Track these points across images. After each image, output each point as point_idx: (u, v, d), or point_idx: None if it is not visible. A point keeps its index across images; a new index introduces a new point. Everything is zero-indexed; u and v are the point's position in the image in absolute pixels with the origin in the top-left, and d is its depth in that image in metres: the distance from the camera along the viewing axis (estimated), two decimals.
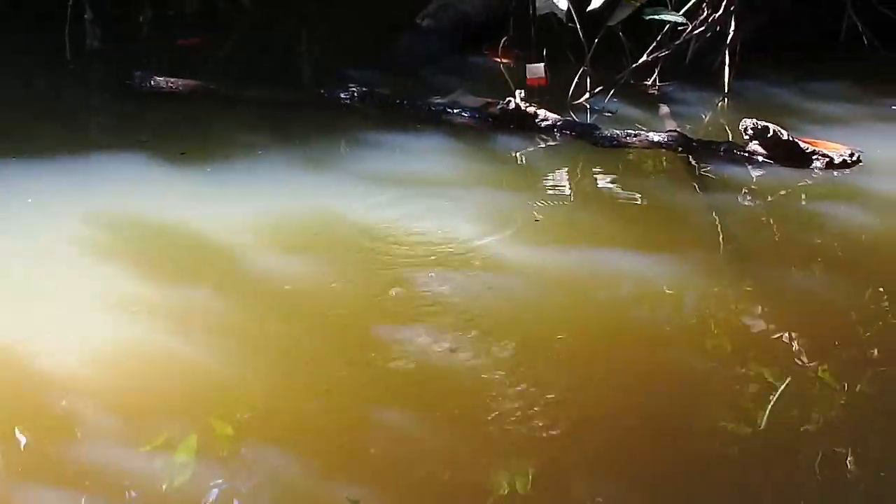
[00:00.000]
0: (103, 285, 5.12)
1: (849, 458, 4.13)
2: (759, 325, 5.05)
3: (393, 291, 5.15)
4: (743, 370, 4.69)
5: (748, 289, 5.34)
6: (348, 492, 3.85)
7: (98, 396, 4.37)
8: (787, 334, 4.91)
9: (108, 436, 4.17)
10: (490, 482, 3.99)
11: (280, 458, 4.05)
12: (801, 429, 4.31)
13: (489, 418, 4.30)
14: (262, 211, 5.89)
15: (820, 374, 4.62)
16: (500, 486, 3.96)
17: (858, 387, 4.57)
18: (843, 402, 4.49)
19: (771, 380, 4.58)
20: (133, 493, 3.89)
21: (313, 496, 3.89)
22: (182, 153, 6.60)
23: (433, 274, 5.29)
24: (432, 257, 5.46)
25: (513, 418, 4.30)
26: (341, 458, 4.09)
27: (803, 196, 6.48)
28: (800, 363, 4.70)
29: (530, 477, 3.99)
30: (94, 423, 4.23)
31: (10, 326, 4.80)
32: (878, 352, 4.85)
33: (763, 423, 4.32)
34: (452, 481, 4.00)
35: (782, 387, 4.50)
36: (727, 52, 7.84)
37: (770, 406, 4.39)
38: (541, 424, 4.28)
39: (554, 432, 4.25)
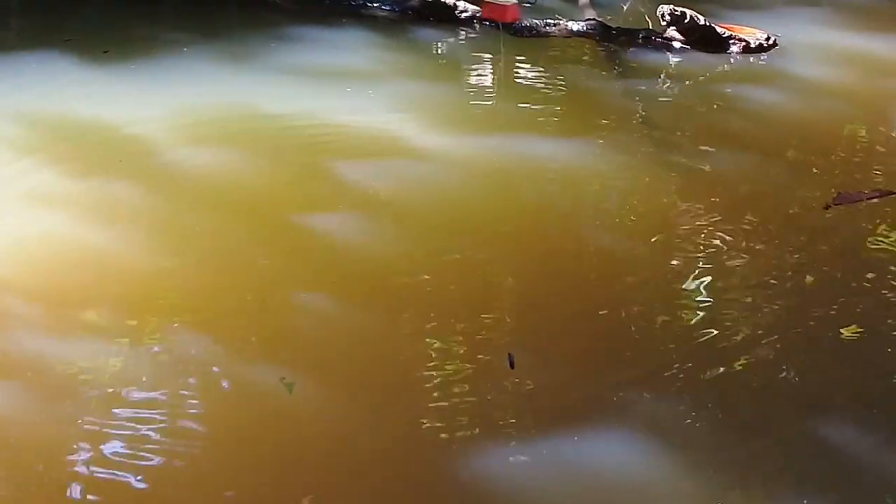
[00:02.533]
0: (26, 181, 5.11)
1: (757, 319, 4.25)
2: (679, 205, 5.12)
3: (312, 181, 5.19)
4: (663, 248, 4.79)
5: (670, 172, 5.42)
6: (277, 372, 3.90)
7: (20, 288, 4.37)
8: (704, 212, 4.99)
9: (31, 325, 4.18)
10: (404, 356, 4.08)
11: (206, 344, 4.08)
12: (721, 299, 4.41)
13: (406, 297, 4.38)
14: (183, 106, 5.89)
15: (735, 247, 4.72)
16: (414, 359, 4.05)
17: (769, 253, 4.69)
18: (759, 269, 4.59)
19: (692, 253, 4.68)
20: (57, 380, 3.91)
21: (242, 378, 3.94)
22: (105, 51, 6.57)
23: (352, 163, 5.32)
24: (352, 147, 5.49)
25: (430, 296, 4.38)
26: (267, 341, 4.14)
27: (721, 80, 6.57)
28: (718, 239, 4.79)
29: (449, 349, 4.08)
30: (17, 313, 4.25)
31: None
32: (784, 220, 4.97)
33: (681, 295, 4.42)
34: (369, 355, 4.07)
35: (702, 261, 4.60)
36: None
37: (689, 279, 4.49)
38: (460, 299, 4.37)
39: (470, 306, 4.34)
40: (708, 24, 6.76)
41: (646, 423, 3.70)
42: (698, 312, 4.31)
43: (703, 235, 4.79)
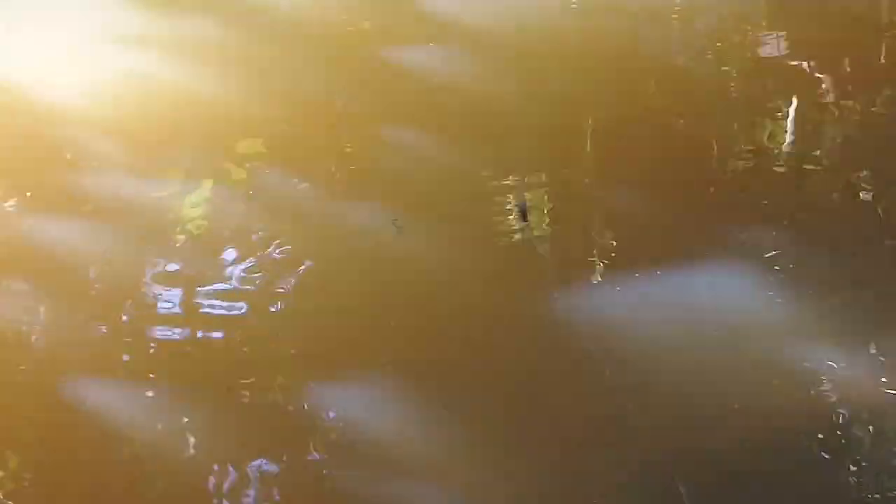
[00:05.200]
0: (102, 19, 4.97)
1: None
2: (772, 44, 4.91)
3: (399, 15, 5.02)
4: (754, 85, 4.60)
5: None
6: (368, 209, 3.79)
7: (101, 127, 4.27)
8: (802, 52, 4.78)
9: (114, 164, 4.10)
10: (491, 188, 3.95)
11: (296, 183, 3.98)
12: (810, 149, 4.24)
13: (498, 136, 4.24)
14: None
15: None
16: (501, 192, 3.93)
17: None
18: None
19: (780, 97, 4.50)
20: (141, 220, 3.82)
21: (334, 216, 3.83)
22: None
23: None
24: None
25: (522, 133, 4.23)
26: (357, 179, 4.03)
27: None
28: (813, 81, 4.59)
29: (538, 184, 3.96)
30: (99, 152, 4.16)
31: (11, 64, 4.68)
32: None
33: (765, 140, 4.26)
34: (460, 192, 3.95)
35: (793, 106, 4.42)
36: None
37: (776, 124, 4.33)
38: (553, 136, 4.22)
39: (563, 141, 4.21)
40: None
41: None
42: None
43: None
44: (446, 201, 3.90)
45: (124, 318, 3.41)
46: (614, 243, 3.70)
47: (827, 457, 2.93)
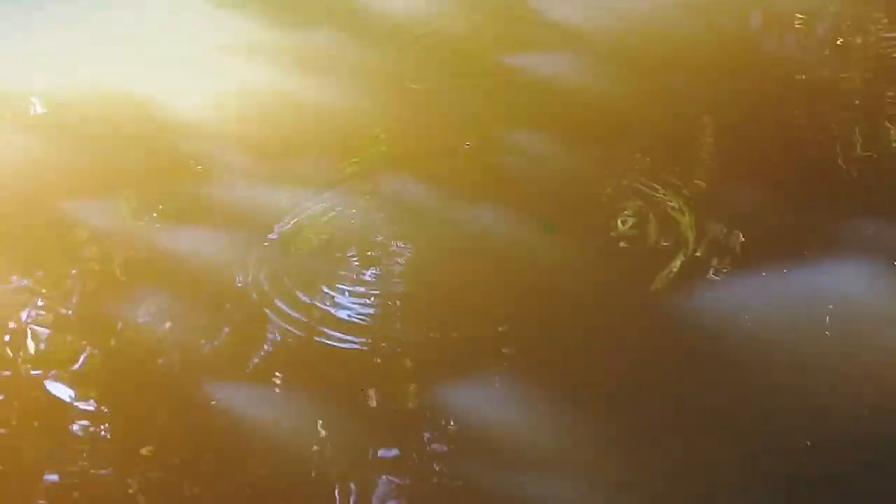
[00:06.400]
0: (230, 32, 5.07)
1: None
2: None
3: (517, 21, 5.06)
4: (878, 84, 4.56)
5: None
6: (487, 211, 3.83)
7: (226, 138, 4.37)
8: None
9: (238, 174, 4.18)
10: (614, 194, 3.96)
11: (416, 186, 4.03)
12: None
13: (619, 138, 4.25)
14: None
15: None
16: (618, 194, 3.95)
17: None
18: None
19: None
20: (271, 226, 3.90)
21: (458, 219, 3.88)
22: None
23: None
24: None
25: (644, 138, 4.23)
26: (481, 182, 4.08)
27: None
28: None
29: (653, 194, 3.96)
30: (224, 162, 4.25)
31: (138, 75, 4.78)
32: None
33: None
34: (575, 193, 3.97)
35: None
36: None
37: None
38: (676, 139, 4.22)
39: (688, 142, 4.21)
40: None
41: None
42: None
43: None
44: (567, 203, 3.92)
45: (253, 323, 3.49)
46: (740, 242, 3.69)
47: None
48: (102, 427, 3.19)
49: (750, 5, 5.11)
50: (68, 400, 3.27)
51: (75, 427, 3.18)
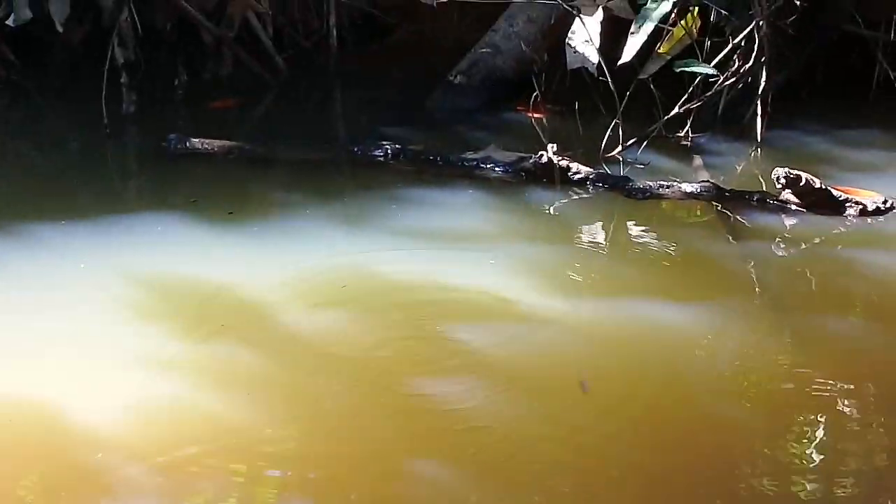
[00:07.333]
0: (139, 343, 5.14)
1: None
2: (799, 375, 5.01)
3: (425, 344, 5.19)
4: (783, 422, 4.69)
5: (786, 339, 5.33)
6: None
7: (131, 452, 4.38)
8: (827, 383, 4.89)
9: (145, 491, 4.19)
10: None
11: None
12: (844, 481, 4.30)
13: (521, 467, 4.35)
14: (299, 267, 5.90)
15: (861, 424, 4.61)
16: None
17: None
18: (884, 453, 4.47)
19: (811, 430, 4.58)
20: None
21: None
22: (230, 213, 6.62)
23: (466, 327, 5.30)
24: (466, 310, 5.48)
25: (546, 469, 4.34)
26: None
27: (838, 244, 6.48)
28: (842, 413, 4.68)
29: None
30: (130, 479, 4.26)
31: (43, 383, 4.83)
32: None
33: (803, 476, 4.32)
34: None
35: (822, 437, 4.50)
36: (759, 103, 7.87)
37: (810, 457, 4.39)
38: (573, 476, 4.31)
39: (586, 482, 4.29)
40: (824, 186, 6.69)
41: None
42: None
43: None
44: None
45: None
46: None
47: None
48: None
49: (662, 337, 5.29)
50: None
51: None
